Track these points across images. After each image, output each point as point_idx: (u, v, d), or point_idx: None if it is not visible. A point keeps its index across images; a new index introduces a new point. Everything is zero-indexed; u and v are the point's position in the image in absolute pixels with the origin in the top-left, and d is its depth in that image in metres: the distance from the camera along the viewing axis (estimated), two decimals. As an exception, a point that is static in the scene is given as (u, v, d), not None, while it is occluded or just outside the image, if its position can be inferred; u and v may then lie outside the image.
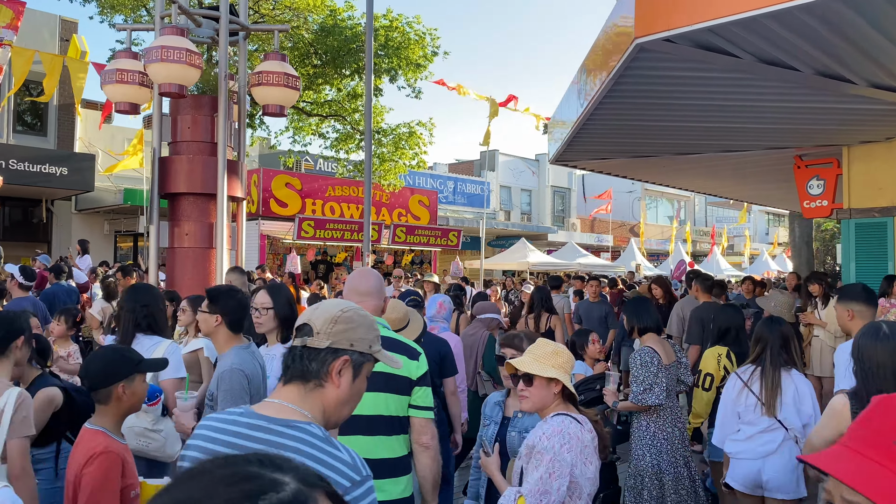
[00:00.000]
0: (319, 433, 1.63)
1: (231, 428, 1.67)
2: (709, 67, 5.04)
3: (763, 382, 4.00)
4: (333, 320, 1.72)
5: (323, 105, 17.63)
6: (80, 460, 2.49)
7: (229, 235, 6.98)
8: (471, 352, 5.84)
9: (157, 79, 6.31)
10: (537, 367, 2.58)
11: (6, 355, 3.15)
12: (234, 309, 3.24)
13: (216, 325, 3.22)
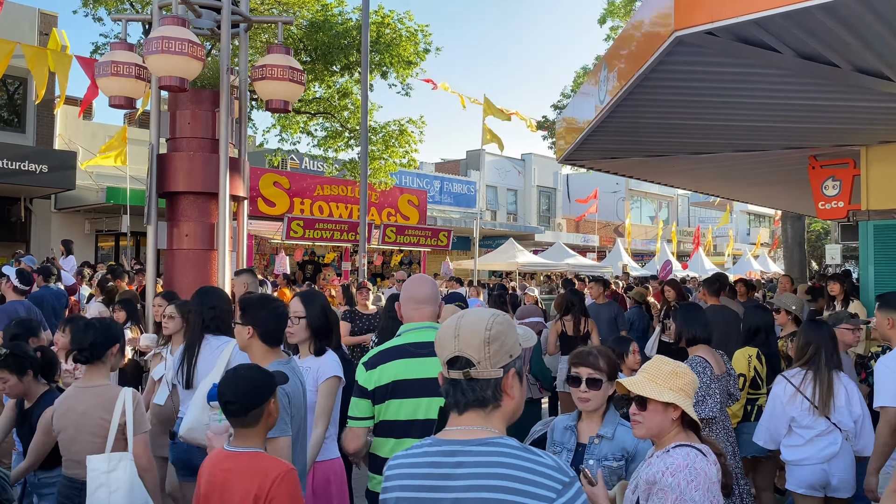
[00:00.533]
0: (516, 444, 1.66)
1: (425, 459, 1.69)
2: (744, 63, 4.84)
3: (817, 385, 4.08)
4: (486, 343, 1.67)
5: (311, 102, 17.28)
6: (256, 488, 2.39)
7: (231, 237, 6.66)
8: None
9: (158, 71, 5.98)
10: (653, 389, 2.32)
11: (104, 361, 3.41)
12: (265, 320, 2.95)
13: (249, 338, 2.94)
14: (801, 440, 4.16)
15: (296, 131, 17.98)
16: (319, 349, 3.44)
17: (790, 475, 4.23)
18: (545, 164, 33.95)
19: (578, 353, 2.92)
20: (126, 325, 6.32)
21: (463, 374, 1.68)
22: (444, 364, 1.71)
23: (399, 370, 2.87)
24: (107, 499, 3.04)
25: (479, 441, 1.65)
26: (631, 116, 6.26)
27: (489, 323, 1.69)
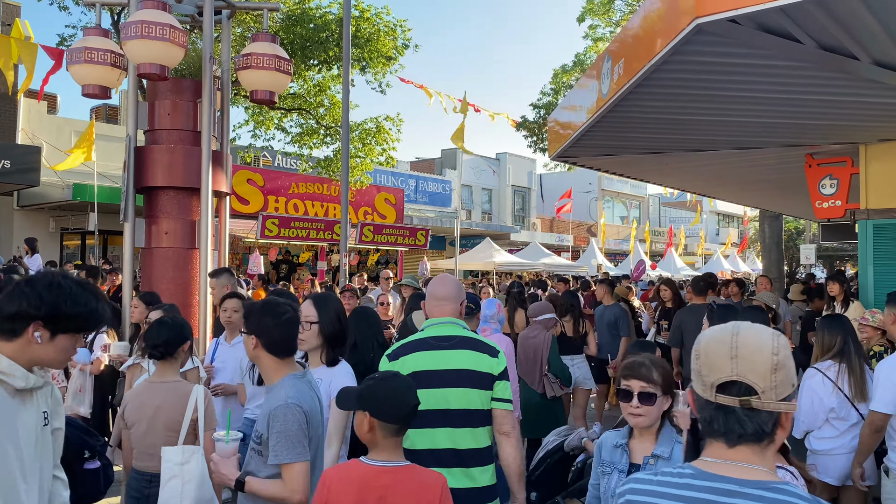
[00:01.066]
0: (804, 494, 1.45)
1: (693, 495, 1.47)
2: (760, 55, 4.64)
3: (851, 376, 4.24)
4: (773, 370, 1.45)
5: (286, 98, 16.85)
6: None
7: (213, 234, 6.30)
8: (535, 354, 5.89)
9: (136, 58, 5.62)
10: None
11: (175, 357, 3.52)
12: (270, 328, 2.60)
13: (255, 349, 2.62)
14: (836, 431, 4.30)
15: (270, 127, 17.54)
16: (332, 359, 3.12)
17: (822, 465, 4.32)
18: (520, 163, 33.84)
19: (630, 364, 2.65)
20: (102, 329, 5.93)
21: (740, 402, 1.45)
22: (711, 386, 1.46)
23: (419, 362, 2.97)
24: (179, 489, 3.11)
25: (760, 484, 1.44)
26: (634, 110, 6.04)
27: (775, 346, 1.46)
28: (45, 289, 2.05)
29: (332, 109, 16.93)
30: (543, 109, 18.62)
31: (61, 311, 2.06)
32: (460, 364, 2.94)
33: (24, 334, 2.04)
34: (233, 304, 4.83)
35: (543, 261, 24.52)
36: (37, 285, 2.06)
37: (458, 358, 2.95)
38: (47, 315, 2.05)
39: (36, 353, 2.07)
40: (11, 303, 2.04)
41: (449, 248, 27.33)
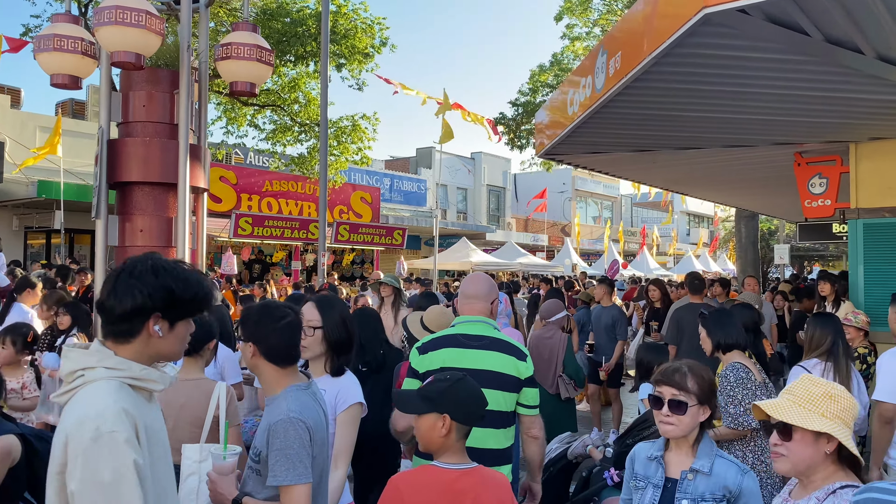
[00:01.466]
0: None
1: None
2: (766, 48, 4.52)
3: (837, 375, 4.24)
4: None
5: (260, 94, 16.48)
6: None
7: (190, 233, 6.01)
8: (550, 354, 5.90)
9: (110, 45, 5.31)
10: (801, 415, 1.88)
11: (201, 354, 3.52)
12: (268, 334, 2.36)
13: (253, 357, 2.37)
14: None
15: (242, 124, 17.19)
16: (338, 368, 2.87)
17: None
18: (495, 162, 33.74)
19: (664, 369, 2.47)
20: (71, 333, 5.61)
21: None
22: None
23: (448, 357, 3.01)
24: (196, 486, 3.10)
25: None
26: (628, 106, 5.89)
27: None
28: (152, 276, 1.82)
29: (307, 106, 16.62)
30: (521, 108, 18.49)
31: (177, 296, 1.84)
32: (489, 365, 2.97)
33: (144, 330, 1.82)
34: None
35: (520, 260, 24.43)
36: (143, 274, 1.82)
37: (487, 359, 3.00)
38: (165, 304, 1.83)
39: (157, 348, 1.86)
40: (123, 299, 1.79)
41: (424, 247, 27.12)
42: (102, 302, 1.82)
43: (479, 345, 3.03)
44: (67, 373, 1.76)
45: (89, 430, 1.63)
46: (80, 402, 1.70)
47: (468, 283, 3.29)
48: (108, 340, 1.82)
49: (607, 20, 18.83)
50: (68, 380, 1.76)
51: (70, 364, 1.77)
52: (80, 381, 1.74)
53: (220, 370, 4.51)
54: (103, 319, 1.82)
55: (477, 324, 3.11)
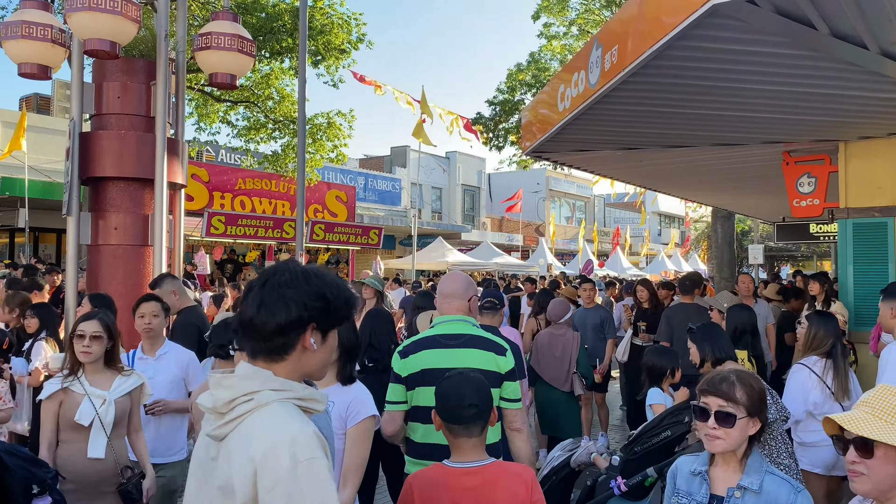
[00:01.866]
0: None
1: None
2: (769, 42, 4.41)
3: (836, 375, 4.36)
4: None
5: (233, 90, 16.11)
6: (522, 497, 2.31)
7: (167, 231, 5.75)
8: (563, 352, 5.98)
9: (83, 33, 5.04)
10: (882, 428, 1.71)
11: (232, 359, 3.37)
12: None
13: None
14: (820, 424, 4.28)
15: (214, 120, 16.80)
16: (348, 376, 2.64)
17: (806, 456, 4.42)
18: (470, 162, 33.62)
19: (710, 378, 2.29)
20: (40, 336, 5.30)
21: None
22: None
23: (429, 359, 3.04)
24: None
25: None
26: (622, 102, 5.76)
27: None
28: (304, 283, 1.63)
29: (281, 103, 16.29)
30: (499, 107, 18.35)
31: (331, 302, 1.65)
32: (468, 363, 2.97)
33: (299, 344, 1.63)
34: (151, 308, 4.20)
35: (496, 260, 24.32)
36: (294, 282, 1.63)
37: (466, 356, 3.02)
38: (320, 313, 1.64)
39: (312, 362, 1.67)
40: (277, 311, 1.60)
41: (399, 247, 26.88)
42: (251, 317, 1.61)
43: (458, 343, 3.06)
44: (226, 401, 1.56)
45: (285, 458, 1.46)
46: (261, 429, 1.51)
47: (445, 282, 3.31)
48: (260, 360, 1.62)
49: (585, 19, 18.79)
50: (226, 408, 1.56)
51: (229, 392, 1.57)
52: (247, 405, 1.54)
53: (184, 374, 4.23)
54: (251, 336, 1.62)
55: (455, 322, 3.14)
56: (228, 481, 1.50)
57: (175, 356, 4.23)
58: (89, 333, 3.46)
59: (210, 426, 1.58)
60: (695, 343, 3.83)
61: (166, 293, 5.03)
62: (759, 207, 14.70)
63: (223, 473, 1.52)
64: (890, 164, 6.72)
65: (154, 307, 4.19)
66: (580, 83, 5.95)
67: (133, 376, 3.62)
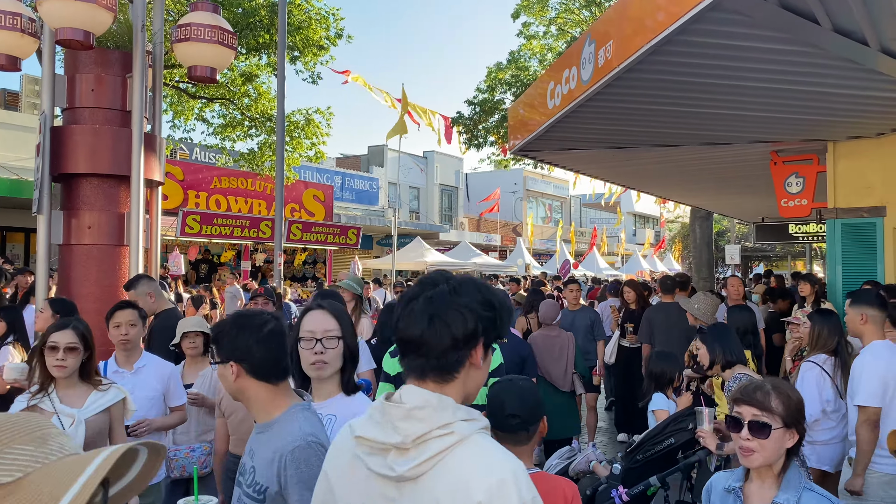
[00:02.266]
0: None
1: None
2: (770, 38, 4.32)
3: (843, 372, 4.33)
4: None
5: (208, 86, 15.78)
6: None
7: (144, 230, 5.51)
8: (561, 352, 6.10)
9: (55, 21, 4.79)
10: None
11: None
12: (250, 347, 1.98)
13: (237, 380, 1.98)
14: (832, 423, 4.41)
15: (189, 117, 16.46)
16: (351, 385, 2.45)
17: (815, 455, 4.40)
18: (447, 161, 33.47)
19: (742, 387, 2.16)
20: (7, 341, 5.02)
21: None
22: None
23: None
24: None
25: None
26: (614, 99, 5.64)
27: None
28: (476, 291, 1.45)
29: (258, 100, 16.00)
30: (479, 106, 18.21)
31: (498, 313, 1.47)
32: None
33: (468, 361, 1.45)
34: (127, 316, 3.85)
35: (474, 260, 24.20)
36: (464, 291, 1.44)
37: None
38: (489, 323, 1.45)
39: (474, 382, 1.48)
40: (452, 323, 1.41)
41: (377, 247, 26.66)
42: (421, 333, 1.42)
43: None
44: (417, 435, 1.36)
45: (514, 498, 1.32)
46: (477, 467, 1.34)
47: None
48: (430, 380, 1.44)
49: (564, 19, 18.73)
50: (419, 441, 1.36)
51: (422, 425, 1.37)
52: (448, 440, 1.36)
53: (165, 389, 3.92)
54: (422, 354, 1.43)
55: None
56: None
57: (155, 369, 3.90)
58: (63, 345, 3.11)
59: (382, 463, 1.38)
60: (705, 344, 3.70)
61: (142, 295, 4.80)
62: (739, 208, 14.74)
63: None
64: (879, 164, 6.70)
65: (131, 315, 3.86)
66: (571, 80, 5.82)
67: (111, 390, 3.30)
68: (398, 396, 1.42)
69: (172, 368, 4.03)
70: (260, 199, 18.83)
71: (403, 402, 1.40)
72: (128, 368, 3.86)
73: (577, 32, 18.16)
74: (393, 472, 1.36)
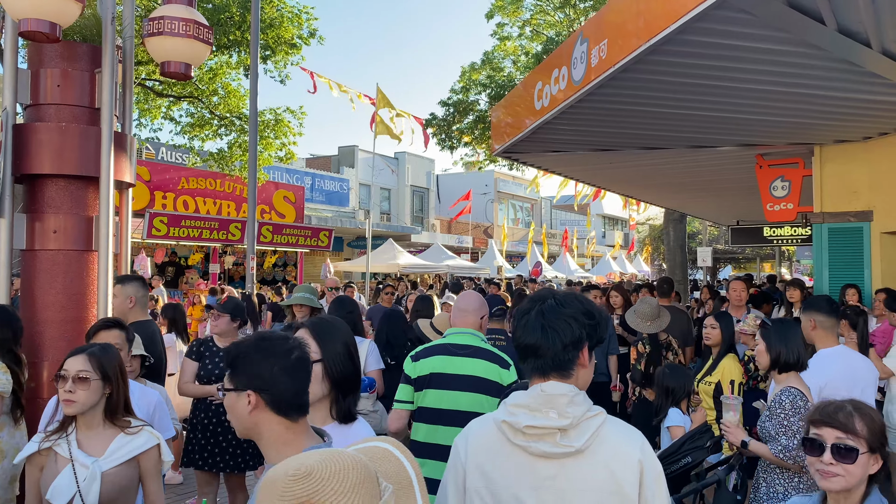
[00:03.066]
0: None
1: None
2: (772, 38, 4.22)
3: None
4: None
5: (175, 84, 15.36)
6: None
7: (114, 234, 5.20)
8: None
9: (17, 12, 4.47)
10: None
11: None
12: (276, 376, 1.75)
13: (253, 413, 1.74)
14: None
15: (157, 116, 16.05)
16: (346, 412, 2.20)
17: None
18: (419, 163, 33.25)
19: (821, 407, 2.00)
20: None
21: None
22: None
23: (437, 364, 3.31)
24: None
25: None
26: (606, 100, 5.51)
27: None
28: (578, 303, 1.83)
29: (227, 98, 15.64)
30: (453, 107, 18.04)
31: (598, 321, 1.84)
32: (474, 371, 3.26)
33: (578, 361, 1.81)
34: (111, 339, 3.24)
35: (447, 262, 24.00)
36: (569, 303, 1.82)
37: (472, 365, 3.27)
38: (591, 330, 1.82)
39: (584, 378, 1.84)
40: (562, 331, 1.78)
41: (347, 248, 26.32)
42: (537, 340, 1.79)
43: (466, 353, 3.32)
44: (579, 417, 1.73)
45: (651, 452, 1.76)
46: (626, 435, 1.77)
47: (462, 299, 3.65)
48: (552, 376, 1.79)
49: (538, 20, 18.65)
50: (581, 420, 1.74)
51: (581, 409, 1.75)
52: (598, 419, 1.75)
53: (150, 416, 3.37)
54: (541, 356, 1.80)
55: (465, 335, 3.41)
56: (611, 482, 1.69)
57: (139, 398, 3.33)
58: (73, 374, 2.57)
59: (552, 444, 1.71)
60: (765, 341, 3.38)
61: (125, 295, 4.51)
62: (717, 210, 14.78)
63: (597, 479, 1.70)
64: (866, 168, 6.66)
65: (115, 338, 3.27)
66: (561, 80, 5.66)
67: (142, 434, 2.72)
68: (541, 389, 1.75)
69: (158, 397, 3.52)
70: (229, 200, 18.41)
71: (549, 391, 1.75)
72: None
73: (552, 34, 18.10)
74: (572, 448, 1.70)
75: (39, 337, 4.76)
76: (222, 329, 4.94)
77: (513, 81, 17.73)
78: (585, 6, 17.21)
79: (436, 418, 3.21)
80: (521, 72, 18.17)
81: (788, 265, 31.87)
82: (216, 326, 5.01)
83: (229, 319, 4.93)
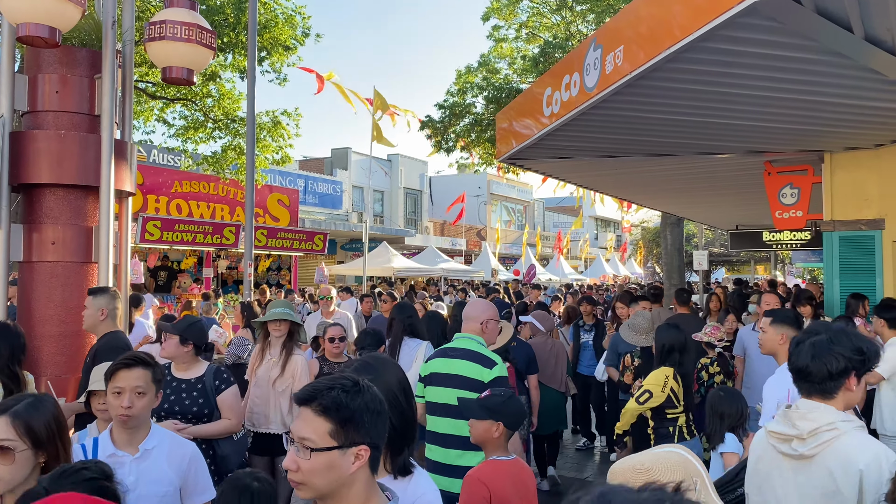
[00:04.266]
0: None
1: None
2: (796, 46, 4.11)
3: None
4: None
5: (169, 86, 15.16)
6: None
7: (114, 245, 5.05)
8: (557, 360, 6.73)
9: (15, 16, 4.32)
10: None
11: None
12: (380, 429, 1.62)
13: (357, 470, 1.58)
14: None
15: (150, 119, 15.82)
16: (402, 465, 1.97)
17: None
18: (412, 165, 33.11)
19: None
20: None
21: None
22: None
23: (437, 365, 3.85)
24: None
25: None
26: (620, 108, 5.38)
27: None
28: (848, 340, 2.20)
29: (221, 100, 15.44)
30: (449, 110, 17.90)
31: (867, 356, 2.21)
32: (460, 371, 3.74)
33: (843, 386, 2.19)
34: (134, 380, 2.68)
35: (441, 265, 23.85)
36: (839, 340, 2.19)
37: (459, 366, 3.76)
38: (860, 364, 2.19)
39: (852, 399, 2.22)
40: (827, 362, 2.17)
41: (341, 251, 26.14)
42: (807, 365, 2.20)
43: (457, 355, 3.80)
44: (810, 430, 2.14)
45: (884, 468, 2.04)
46: (859, 448, 2.11)
47: (468, 307, 4.07)
48: (815, 397, 2.21)
49: (534, 23, 18.55)
50: (816, 433, 2.14)
51: (812, 423, 2.14)
52: (832, 433, 2.12)
53: (183, 480, 2.78)
54: (807, 379, 2.22)
55: (464, 339, 3.88)
56: (831, 487, 2.07)
57: (170, 452, 2.78)
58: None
59: (788, 448, 2.19)
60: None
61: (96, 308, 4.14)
62: (715, 215, 14.71)
63: (820, 482, 2.11)
64: (877, 176, 6.58)
65: (139, 379, 2.68)
66: (573, 86, 5.54)
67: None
68: (795, 406, 2.21)
69: (194, 449, 2.89)
70: (223, 203, 18.22)
71: (800, 409, 2.18)
72: (130, 451, 2.70)
73: (548, 37, 18.00)
74: (797, 452, 2.15)
75: (37, 352, 4.61)
76: (170, 352, 4.05)
77: (509, 84, 17.63)
78: (582, 9, 17.12)
79: (433, 410, 3.75)
80: (517, 74, 18.07)
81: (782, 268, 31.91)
82: (163, 349, 4.14)
83: (178, 342, 4.03)
